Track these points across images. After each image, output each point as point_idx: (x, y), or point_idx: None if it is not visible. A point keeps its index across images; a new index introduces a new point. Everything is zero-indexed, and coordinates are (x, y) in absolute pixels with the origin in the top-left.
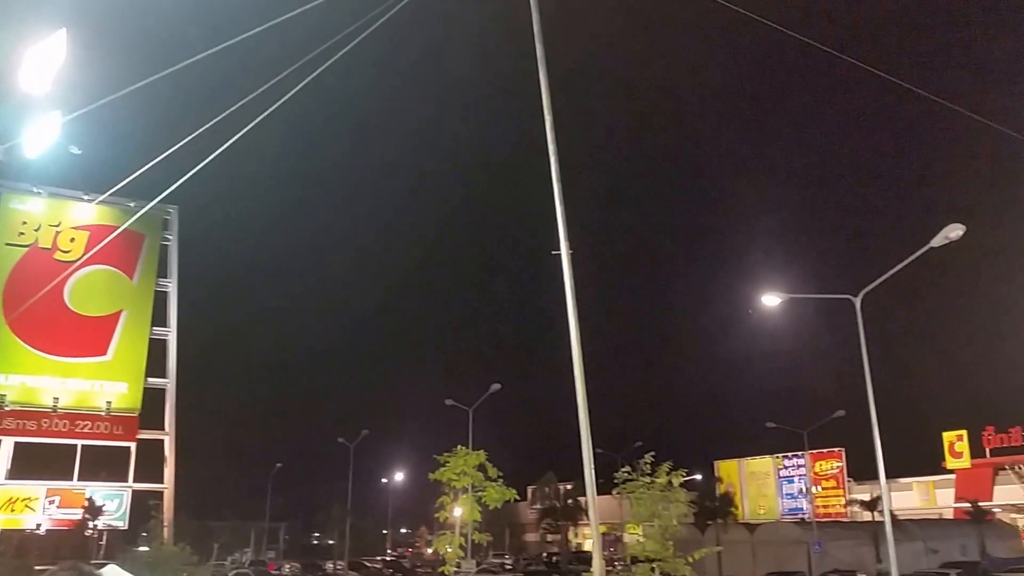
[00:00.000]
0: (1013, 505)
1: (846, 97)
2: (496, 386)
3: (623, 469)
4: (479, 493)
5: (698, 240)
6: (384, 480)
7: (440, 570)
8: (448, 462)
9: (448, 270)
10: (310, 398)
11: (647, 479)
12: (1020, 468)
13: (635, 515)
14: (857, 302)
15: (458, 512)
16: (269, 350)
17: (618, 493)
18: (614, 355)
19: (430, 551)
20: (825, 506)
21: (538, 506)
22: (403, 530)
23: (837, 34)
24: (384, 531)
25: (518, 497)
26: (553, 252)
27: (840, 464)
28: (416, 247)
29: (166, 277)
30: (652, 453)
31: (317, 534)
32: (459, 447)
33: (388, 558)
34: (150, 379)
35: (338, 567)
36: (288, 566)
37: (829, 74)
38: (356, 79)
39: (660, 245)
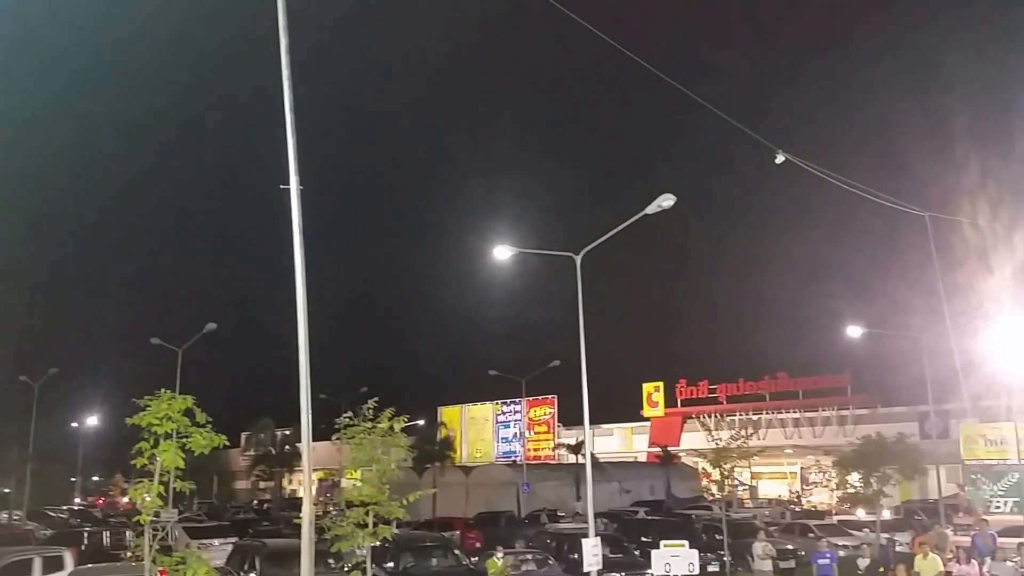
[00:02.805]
0: (696, 450)
1: (581, 55)
2: (211, 326)
3: (345, 415)
4: (184, 439)
5: (437, 190)
6: (75, 424)
7: (135, 519)
8: (150, 406)
9: (166, 199)
10: None
11: (368, 424)
12: (704, 417)
13: (354, 460)
14: (577, 260)
15: (158, 460)
16: None
17: (338, 439)
18: (344, 300)
19: (125, 500)
20: (536, 449)
21: (252, 452)
22: (95, 478)
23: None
24: (73, 479)
25: (228, 443)
26: (282, 187)
27: (552, 410)
28: (128, 171)
29: None
30: (375, 399)
31: None
32: (163, 390)
33: (76, 507)
34: None
35: (15, 517)
36: None
37: (574, 38)
38: None
39: (400, 193)
